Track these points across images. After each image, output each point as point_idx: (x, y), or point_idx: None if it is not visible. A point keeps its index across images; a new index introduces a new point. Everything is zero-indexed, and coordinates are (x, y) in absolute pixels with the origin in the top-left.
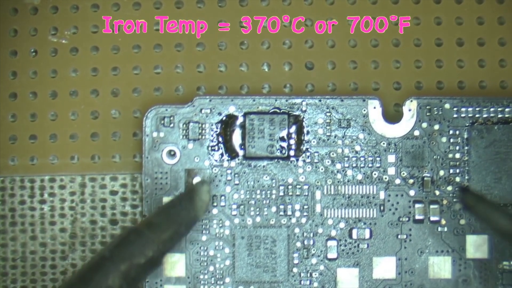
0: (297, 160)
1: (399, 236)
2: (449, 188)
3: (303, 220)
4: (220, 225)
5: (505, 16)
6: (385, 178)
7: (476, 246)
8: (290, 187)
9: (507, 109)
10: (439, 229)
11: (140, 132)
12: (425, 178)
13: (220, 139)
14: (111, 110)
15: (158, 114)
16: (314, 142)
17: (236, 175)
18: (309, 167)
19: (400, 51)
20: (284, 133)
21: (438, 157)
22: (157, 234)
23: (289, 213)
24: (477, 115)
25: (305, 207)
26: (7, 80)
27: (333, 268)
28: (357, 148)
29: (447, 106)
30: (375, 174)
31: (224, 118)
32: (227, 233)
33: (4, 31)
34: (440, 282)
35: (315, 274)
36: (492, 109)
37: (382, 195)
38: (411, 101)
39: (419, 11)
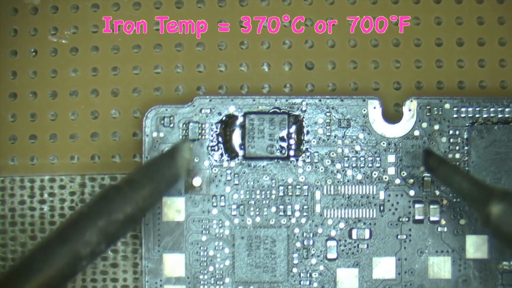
0: (297, 160)
1: (399, 236)
2: None
3: (303, 220)
4: (220, 225)
5: (505, 16)
6: (385, 178)
7: (476, 246)
8: (290, 187)
9: (507, 109)
10: (439, 229)
11: (140, 132)
12: (425, 178)
13: (220, 139)
14: (111, 110)
15: (158, 114)
16: (314, 142)
17: (236, 175)
18: (309, 167)
19: (400, 51)
20: (284, 133)
21: None
22: (136, 190)
23: (289, 213)
24: (477, 115)
25: (305, 207)
26: (7, 80)
27: (332, 268)
28: (357, 148)
29: (447, 106)
30: (375, 174)
31: (224, 118)
32: (227, 233)
33: (4, 31)
34: (440, 282)
35: (315, 274)
36: (492, 109)
37: (382, 195)
38: (411, 101)
39: (419, 11)
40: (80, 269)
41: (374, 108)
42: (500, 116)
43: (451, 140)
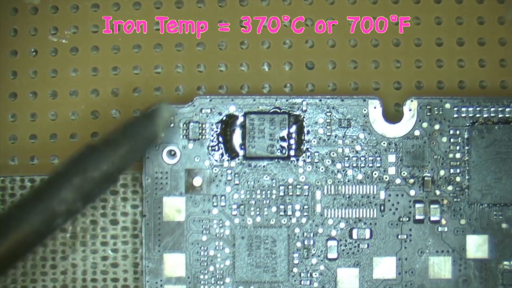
0: (297, 160)
1: (399, 236)
2: (450, 188)
3: (303, 220)
4: (220, 225)
5: (506, 16)
6: (386, 178)
7: (476, 246)
8: (290, 187)
9: (507, 109)
10: (439, 229)
11: None
12: (425, 178)
13: (220, 139)
14: (111, 110)
15: None
16: (314, 142)
17: (236, 175)
18: (309, 167)
19: (400, 51)
20: (284, 133)
21: (439, 157)
22: (112, 149)
23: (289, 213)
24: (477, 115)
25: (305, 207)
26: (7, 80)
27: (333, 268)
28: (358, 148)
29: (447, 106)
30: (375, 174)
31: (224, 118)
32: (227, 233)
33: (4, 31)
34: (440, 282)
35: (315, 274)
36: (492, 109)
37: (382, 195)
38: (412, 101)
39: (419, 11)
40: (55, 227)
41: (375, 108)
42: (500, 116)
43: (452, 140)
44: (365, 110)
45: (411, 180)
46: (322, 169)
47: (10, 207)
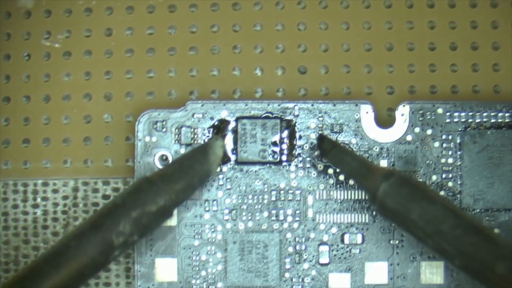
0: (289, 165)
1: (391, 242)
2: (442, 193)
3: (295, 225)
4: (212, 230)
5: (499, 20)
6: None
7: None
8: (282, 192)
9: (500, 114)
10: None
11: (133, 137)
12: None
13: None
14: (103, 114)
15: (150, 119)
16: (306, 146)
17: (228, 180)
18: (301, 172)
19: (393, 55)
20: (276, 138)
21: (431, 162)
22: (169, 184)
23: (281, 218)
24: (470, 120)
25: (297, 212)
26: (0, 84)
27: (325, 273)
28: None
29: (440, 110)
30: None
31: (216, 122)
32: (219, 238)
33: None
34: None
35: (307, 279)
36: (485, 114)
37: None
38: (404, 105)
39: (413, 15)
40: (112, 258)
41: (367, 113)
42: (493, 121)
43: (444, 145)
44: (357, 115)
45: None
46: (314, 174)
47: (67, 236)
